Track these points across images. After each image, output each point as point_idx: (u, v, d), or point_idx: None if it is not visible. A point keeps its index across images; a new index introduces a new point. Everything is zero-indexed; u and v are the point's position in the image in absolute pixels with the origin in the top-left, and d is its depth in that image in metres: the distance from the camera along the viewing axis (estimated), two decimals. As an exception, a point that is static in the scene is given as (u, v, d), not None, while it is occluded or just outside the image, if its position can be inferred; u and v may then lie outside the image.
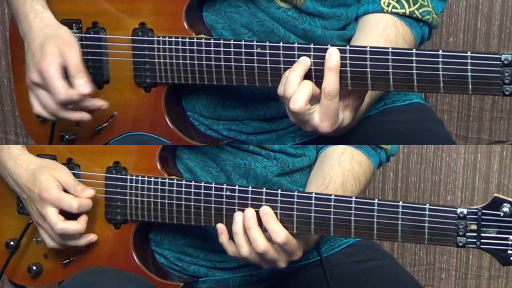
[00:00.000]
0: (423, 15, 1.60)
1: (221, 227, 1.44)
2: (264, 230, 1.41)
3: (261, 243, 1.39)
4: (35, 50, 1.51)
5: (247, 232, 1.41)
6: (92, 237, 1.56)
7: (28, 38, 1.54)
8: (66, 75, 1.51)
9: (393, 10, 1.59)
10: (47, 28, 1.53)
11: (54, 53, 1.50)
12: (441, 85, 1.36)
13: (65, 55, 1.50)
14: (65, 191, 1.54)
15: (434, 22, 1.63)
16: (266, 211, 1.41)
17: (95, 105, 1.54)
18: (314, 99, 1.41)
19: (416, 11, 1.59)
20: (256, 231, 1.40)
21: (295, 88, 1.40)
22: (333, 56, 1.40)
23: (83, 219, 1.53)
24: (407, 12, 1.59)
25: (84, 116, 1.54)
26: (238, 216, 1.42)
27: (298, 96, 1.40)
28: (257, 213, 1.41)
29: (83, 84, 1.50)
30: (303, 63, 1.41)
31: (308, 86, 1.40)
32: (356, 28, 1.63)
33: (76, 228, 1.53)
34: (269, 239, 1.40)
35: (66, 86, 1.49)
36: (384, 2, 1.59)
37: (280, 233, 1.39)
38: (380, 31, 1.57)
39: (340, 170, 1.54)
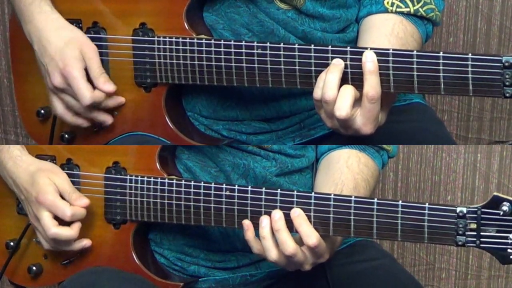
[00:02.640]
0: (427, 13, 1.60)
1: (247, 223, 1.42)
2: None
3: (290, 246, 1.38)
4: (54, 54, 1.53)
5: (276, 235, 1.39)
6: (86, 242, 1.56)
7: (42, 41, 1.54)
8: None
9: (398, 10, 1.59)
10: (62, 31, 1.54)
11: (77, 56, 1.52)
12: (442, 86, 1.36)
13: (87, 57, 1.53)
14: (62, 196, 1.54)
15: (438, 19, 1.63)
16: (298, 213, 1.39)
17: (117, 101, 1.56)
18: (355, 103, 1.40)
19: (420, 9, 1.59)
20: (285, 234, 1.39)
21: (335, 91, 1.38)
22: (369, 58, 1.38)
23: (76, 226, 1.54)
24: (412, 10, 1.59)
25: (108, 118, 1.57)
26: (265, 220, 1.41)
27: (342, 102, 1.38)
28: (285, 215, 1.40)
29: (107, 84, 1.54)
30: (338, 64, 1.40)
31: (351, 91, 1.39)
32: (359, 30, 1.62)
33: (69, 234, 1.53)
34: (297, 241, 1.39)
35: (91, 89, 1.52)
36: (387, 2, 1.59)
37: (312, 236, 1.38)
38: (389, 30, 1.56)
39: (350, 174, 1.54)
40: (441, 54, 1.36)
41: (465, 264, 2.50)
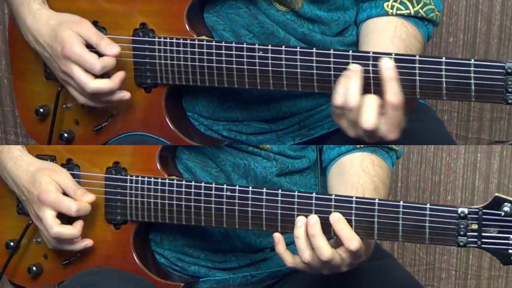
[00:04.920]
0: (428, 13, 1.59)
1: (278, 236, 1.39)
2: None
3: (327, 251, 1.35)
4: (51, 43, 1.52)
5: (311, 240, 1.37)
6: (88, 242, 1.56)
7: (37, 37, 1.54)
8: None
9: (398, 12, 1.58)
10: (50, 20, 1.54)
11: (71, 35, 1.50)
12: (444, 92, 1.36)
13: (81, 31, 1.51)
14: (65, 194, 1.54)
15: (438, 19, 1.62)
16: (338, 217, 1.37)
17: (120, 75, 1.53)
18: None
19: (420, 10, 1.59)
20: (321, 239, 1.36)
21: (357, 97, 1.37)
22: (388, 65, 1.37)
23: (78, 224, 1.53)
24: (412, 12, 1.58)
25: (125, 94, 1.53)
26: (301, 221, 1.38)
27: (369, 113, 1.36)
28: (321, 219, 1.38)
29: (111, 46, 1.51)
30: (358, 70, 1.38)
31: (376, 101, 1.37)
32: (360, 34, 1.62)
33: (71, 233, 1.53)
34: (333, 245, 1.38)
35: (97, 56, 1.49)
36: (387, 5, 1.58)
37: (354, 240, 1.36)
38: (392, 33, 1.56)
39: (368, 177, 1.52)
40: (443, 59, 1.35)
41: (465, 264, 2.50)
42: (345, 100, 1.38)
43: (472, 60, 1.34)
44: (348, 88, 1.38)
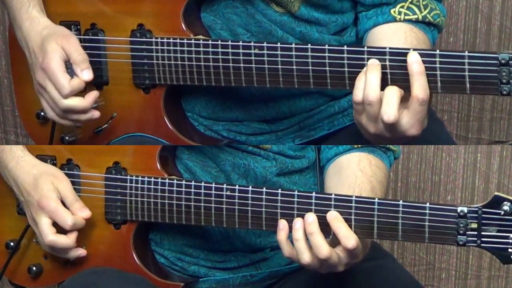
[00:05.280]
0: (435, 18, 1.59)
1: (283, 223, 1.39)
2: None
3: (325, 249, 1.35)
4: (36, 52, 1.52)
5: (309, 238, 1.37)
6: (81, 251, 1.56)
7: (28, 43, 1.54)
8: (68, 71, 1.51)
9: (406, 18, 1.57)
10: (44, 30, 1.53)
11: (55, 49, 1.50)
12: (439, 84, 1.36)
13: (65, 47, 1.51)
14: (63, 202, 1.54)
15: (443, 25, 1.62)
16: (334, 215, 1.37)
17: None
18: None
19: (428, 15, 1.58)
20: (319, 237, 1.36)
21: (378, 91, 1.35)
22: (415, 59, 1.35)
23: (73, 235, 1.53)
24: (420, 17, 1.57)
25: (94, 113, 1.54)
26: (298, 222, 1.38)
27: (389, 105, 1.34)
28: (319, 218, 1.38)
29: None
30: (376, 64, 1.37)
31: (397, 93, 1.36)
32: (367, 41, 1.60)
33: (65, 243, 1.53)
34: (330, 244, 1.37)
35: (69, 79, 1.50)
36: (394, 11, 1.57)
37: (351, 238, 1.36)
38: (402, 39, 1.54)
39: (365, 177, 1.52)
40: (437, 52, 1.35)
41: (465, 264, 2.50)
42: (365, 94, 1.36)
43: (466, 52, 1.34)
44: (367, 82, 1.36)
